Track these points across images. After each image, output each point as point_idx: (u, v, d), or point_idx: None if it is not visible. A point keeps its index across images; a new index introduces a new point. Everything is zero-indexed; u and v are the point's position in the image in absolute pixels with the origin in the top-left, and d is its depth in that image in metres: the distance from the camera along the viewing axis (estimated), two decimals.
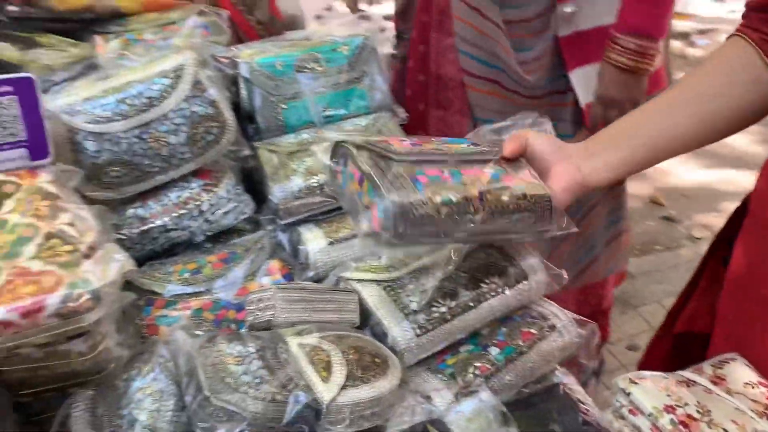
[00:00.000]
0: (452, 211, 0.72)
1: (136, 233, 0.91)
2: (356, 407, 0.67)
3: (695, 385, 0.77)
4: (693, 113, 0.81)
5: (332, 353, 0.70)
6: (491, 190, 0.75)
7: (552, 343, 0.82)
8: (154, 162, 0.92)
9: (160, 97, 0.91)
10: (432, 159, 0.76)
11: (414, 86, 1.60)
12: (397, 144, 0.77)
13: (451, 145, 0.81)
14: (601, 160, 0.81)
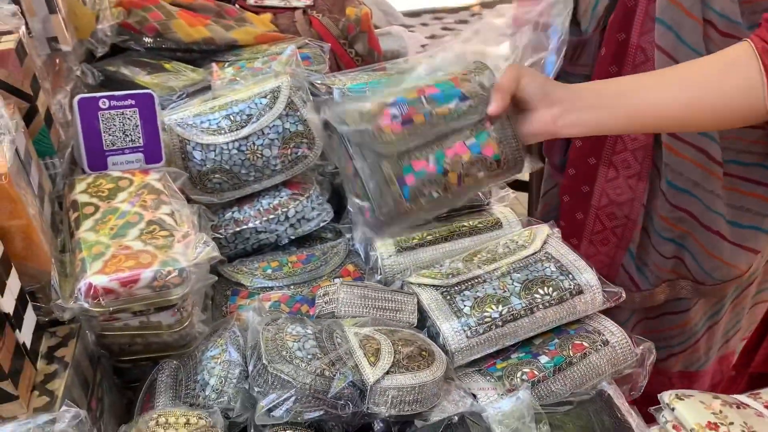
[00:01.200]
0: (434, 204, 0.85)
1: (231, 233, 1.03)
2: (399, 392, 0.73)
3: (747, 407, 0.76)
4: (681, 95, 0.82)
5: (382, 342, 0.77)
6: (469, 173, 0.85)
7: (603, 357, 0.84)
8: (250, 172, 1.04)
9: (258, 114, 1.03)
10: (419, 143, 0.85)
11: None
12: (388, 126, 0.84)
13: (440, 109, 0.87)
14: (579, 117, 0.83)
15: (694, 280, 1.25)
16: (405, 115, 0.86)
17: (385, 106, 0.86)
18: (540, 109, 0.84)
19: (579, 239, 1.31)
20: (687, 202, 1.18)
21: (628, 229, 1.25)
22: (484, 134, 0.87)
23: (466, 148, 0.86)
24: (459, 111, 0.87)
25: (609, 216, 1.25)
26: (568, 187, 1.29)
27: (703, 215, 1.18)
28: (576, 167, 1.26)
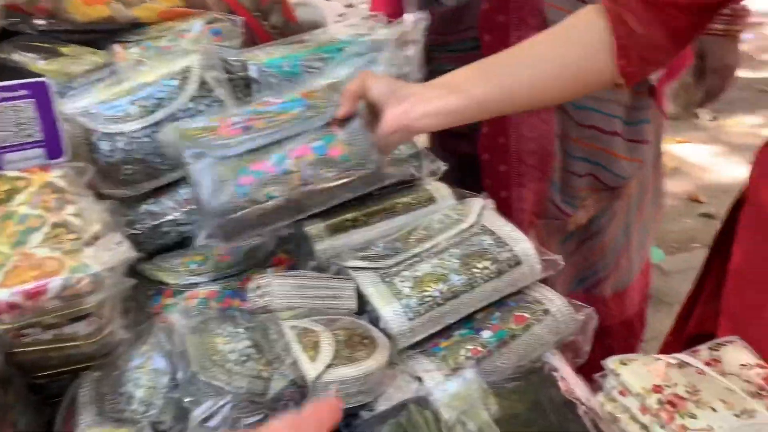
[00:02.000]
0: (275, 205, 0.82)
1: (149, 228, 0.96)
2: (342, 385, 0.69)
3: (688, 366, 0.77)
4: (526, 73, 0.82)
5: (321, 334, 0.73)
6: (315, 175, 0.83)
7: (545, 326, 0.83)
8: (165, 160, 0.96)
9: (168, 97, 0.95)
10: (259, 146, 0.83)
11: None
12: (225, 131, 0.84)
13: (285, 115, 0.87)
14: (433, 106, 0.83)
15: (608, 188, 1.47)
16: (246, 121, 0.87)
17: (227, 116, 0.89)
18: (391, 106, 0.83)
19: (508, 189, 1.43)
20: (592, 118, 1.38)
21: (547, 161, 1.40)
22: (331, 137, 0.87)
23: (310, 150, 0.85)
24: (303, 117, 0.87)
25: (529, 154, 1.40)
26: (486, 146, 1.39)
27: (606, 124, 1.40)
28: (488, 124, 1.35)
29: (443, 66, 1.46)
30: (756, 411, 0.70)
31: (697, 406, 0.70)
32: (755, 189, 0.83)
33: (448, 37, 1.37)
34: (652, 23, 0.77)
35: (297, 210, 0.87)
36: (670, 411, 0.70)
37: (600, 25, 0.79)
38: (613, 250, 1.61)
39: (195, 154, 0.84)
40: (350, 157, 0.86)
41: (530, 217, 1.47)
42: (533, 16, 1.25)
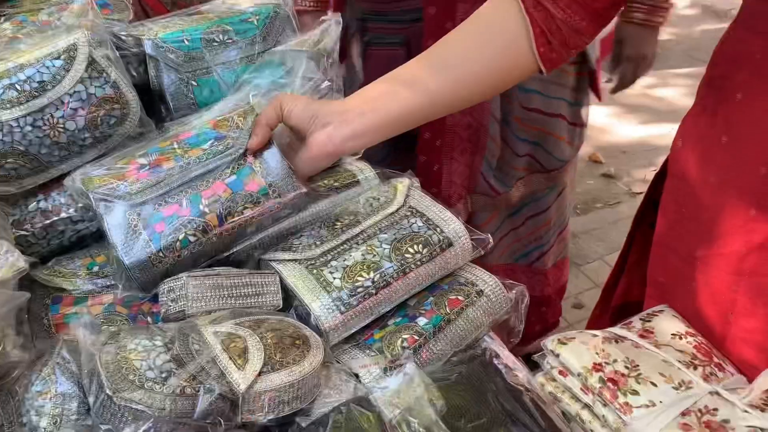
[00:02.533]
0: (193, 249, 0.78)
1: (40, 228, 0.85)
2: (275, 393, 0.64)
3: (624, 340, 0.77)
4: (446, 76, 0.79)
5: (248, 339, 0.67)
6: (231, 211, 0.79)
7: (480, 308, 0.80)
8: (53, 151, 0.86)
9: (52, 80, 0.84)
10: (171, 188, 0.79)
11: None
12: (133, 176, 0.80)
13: (193, 151, 0.82)
14: (353, 128, 0.80)
15: (545, 170, 1.52)
16: (153, 162, 0.81)
17: (133, 158, 0.83)
18: (314, 132, 0.79)
19: (440, 162, 1.44)
20: (535, 101, 1.42)
21: (482, 134, 1.42)
22: (246, 169, 0.81)
23: (225, 186, 0.80)
24: (214, 151, 0.82)
25: (464, 127, 1.41)
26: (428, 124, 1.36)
27: (548, 107, 1.43)
28: None
29: (381, 37, 1.40)
30: (693, 381, 0.70)
31: (638, 382, 0.70)
32: (677, 160, 0.83)
33: (387, 6, 1.33)
34: (571, 6, 0.75)
35: (219, 250, 0.81)
36: (612, 389, 0.69)
37: (515, 12, 0.76)
38: (557, 225, 1.69)
39: (105, 205, 0.78)
40: (270, 188, 0.81)
41: (460, 189, 1.48)
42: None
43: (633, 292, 0.97)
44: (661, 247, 0.87)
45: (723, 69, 0.76)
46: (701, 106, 0.79)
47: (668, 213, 0.85)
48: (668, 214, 0.85)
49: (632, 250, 0.98)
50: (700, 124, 0.79)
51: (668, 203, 0.85)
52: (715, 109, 0.76)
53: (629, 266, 0.98)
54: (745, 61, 0.71)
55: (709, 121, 0.77)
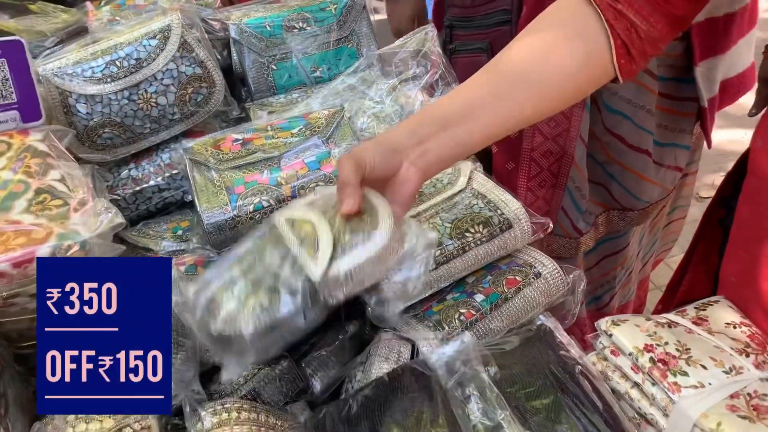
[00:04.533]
0: (264, 214, 0.82)
1: (130, 193, 0.93)
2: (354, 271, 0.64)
3: (677, 326, 0.78)
4: (525, 95, 0.73)
5: (319, 226, 0.67)
6: (305, 186, 0.84)
7: (536, 289, 0.83)
8: (145, 123, 0.93)
9: (147, 58, 0.92)
10: (257, 160, 0.86)
11: None
12: (227, 146, 0.87)
13: (283, 134, 0.89)
14: (435, 155, 0.72)
15: (623, 208, 1.28)
16: (247, 138, 0.88)
17: (231, 134, 0.91)
18: (399, 170, 0.71)
19: (514, 191, 1.21)
20: (618, 125, 1.19)
21: (564, 164, 1.21)
22: (325, 154, 0.88)
23: (303, 164, 0.86)
24: (302, 135, 0.89)
25: (544, 155, 1.22)
26: None
27: (632, 136, 1.19)
28: None
29: (466, 45, 1.25)
30: (744, 367, 0.72)
31: (688, 364, 0.72)
32: (756, 160, 0.83)
33: (473, 10, 1.22)
34: (653, 14, 0.72)
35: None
36: (662, 369, 0.71)
37: (595, 21, 0.72)
38: (630, 265, 1.45)
39: (196, 167, 0.86)
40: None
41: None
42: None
43: (697, 290, 0.97)
44: (736, 246, 0.87)
45: None
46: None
47: (745, 211, 0.85)
48: (745, 213, 0.85)
49: (698, 248, 0.98)
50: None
51: (746, 202, 0.85)
52: None
53: (694, 263, 0.98)
54: None
55: None
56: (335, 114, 0.92)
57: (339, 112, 0.92)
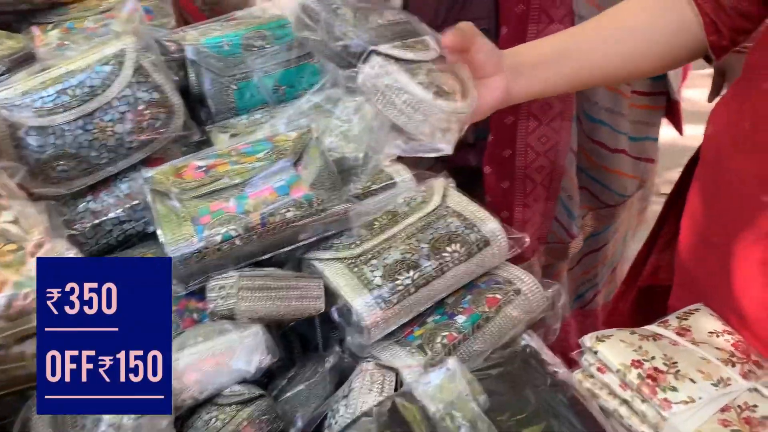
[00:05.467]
0: (233, 244, 0.79)
1: (89, 227, 0.89)
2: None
3: (661, 338, 0.77)
4: (618, 48, 0.79)
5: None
6: (274, 213, 0.80)
7: (517, 306, 0.82)
8: (102, 153, 0.89)
9: (102, 85, 0.88)
10: (222, 187, 0.82)
11: None
12: (189, 174, 0.83)
13: (249, 158, 0.85)
14: (527, 80, 0.79)
15: (605, 206, 1.35)
16: (210, 165, 0.84)
17: (192, 161, 0.86)
18: (494, 75, 0.76)
19: (510, 209, 1.27)
20: (598, 132, 1.26)
21: (556, 177, 1.24)
22: (294, 177, 0.84)
23: (272, 189, 0.83)
24: (268, 159, 0.85)
25: (537, 170, 1.24)
26: (490, 157, 1.23)
27: (610, 141, 1.27)
28: (495, 133, 1.21)
29: None
30: (731, 378, 0.71)
31: (677, 378, 0.71)
32: (707, 147, 0.84)
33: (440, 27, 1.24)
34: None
35: (259, 252, 0.82)
36: (652, 385, 0.70)
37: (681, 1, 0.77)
38: (612, 262, 1.52)
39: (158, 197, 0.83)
40: (313, 197, 0.82)
41: (534, 242, 1.29)
42: (556, 7, 1.13)
43: (660, 274, 0.97)
44: (690, 232, 0.87)
45: (758, 55, 0.76)
46: (734, 91, 0.81)
47: (697, 198, 0.86)
48: (697, 200, 0.86)
49: (663, 231, 0.98)
50: (730, 109, 0.80)
51: (697, 188, 0.86)
52: (744, 96, 0.77)
53: (659, 247, 0.98)
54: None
55: (737, 107, 0.78)
56: (303, 135, 0.89)
57: (307, 133, 0.89)
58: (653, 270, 1.00)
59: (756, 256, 0.76)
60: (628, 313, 1.03)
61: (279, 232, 0.82)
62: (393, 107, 0.66)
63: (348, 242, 0.84)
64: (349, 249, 0.83)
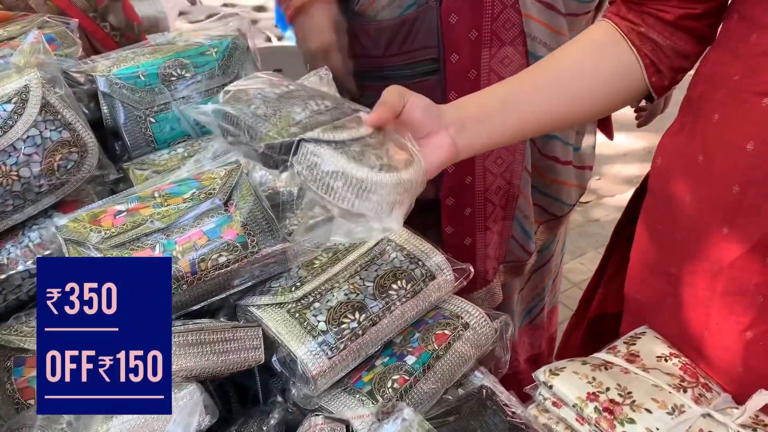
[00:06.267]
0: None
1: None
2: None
3: (612, 366, 0.77)
4: (562, 95, 0.79)
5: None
6: (205, 258, 0.76)
7: (467, 341, 0.79)
8: (6, 200, 0.80)
9: (3, 125, 0.79)
10: (144, 233, 0.76)
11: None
12: (108, 221, 0.78)
13: (174, 200, 0.80)
14: (472, 135, 0.76)
15: (554, 217, 1.36)
16: (131, 209, 0.79)
17: (111, 205, 0.81)
18: (437, 133, 0.72)
19: (473, 235, 1.26)
20: (552, 147, 1.26)
21: (512, 196, 1.24)
22: (225, 218, 0.79)
23: (201, 233, 0.78)
24: (195, 200, 0.80)
25: (495, 191, 1.23)
26: (451, 188, 1.21)
27: (563, 153, 1.28)
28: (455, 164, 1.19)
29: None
30: (685, 405, 0.71)
31: (633, 409, 0.70)
32: (656, 178, 0.84)
33: (388, 60, 1.15)
34: (676, 33, 0.76)
35: (192, 300, 0.77)
36: (609, 419, 0.69)
37: (621, 42, 0.77)
38: (554, 274, 1.53)
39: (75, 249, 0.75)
40: (248, 238, 0.78)
41: (494, 263, 1.30)
42: (507, 29, 1.10)
43: (609, 304, 0.98)
44: (638, 263, 0.88)
45: (702, 89, 0.77)
46: (680, 124, 0.81)
47: (646, 229, 0.86)
48: (646, 231, 0.86)
49: (610, 263, 0.99)
50: (679, 142, 0.81)
51: (646, 220, 0.86)
52: (693, 128, 0.78)
53: (606, 278, 0.99)
54: (723, 83, 0.73)
55: (687, 140, 0.79)
56: (232, 172, 0.83)
57: (236, 169, 0.83)
58: (602, 300, 1.01)
59: (709, 283, 0.77)
60: (580, 345, 1.02)
61: (211, 279, 0.76)
62: (334, 192, 0.61)
63: (287, 285, 0.79)
64: (288, 292, 0.78)
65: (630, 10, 0.78)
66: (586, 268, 2.42)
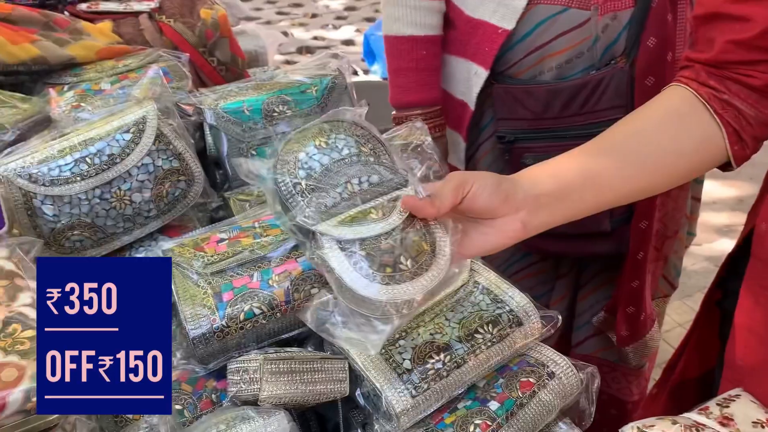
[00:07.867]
0: (256, 323, 0.77)
1: None
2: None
3: (705, 428, 0.74)
4: (642, 167, 0.75)
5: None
6: (300, 290, 0.78)
7: (552, 391, 0.78)
8: (118, 222, 0.86)
9: (121, 153, 0.85)
10: (245, 261, 0.79)
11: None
12: (211, 247, 0.81)
13: (273, 231, 0.83)
14: (549, 212, 0.73)
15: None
16: (233, 237, 0.82)
17: (214, 233, 0.84)
18: (505, 215, 0.69)
19: (642, 277, 1.23)
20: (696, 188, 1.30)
21: (669, 241, 1.25)
22: None
23: (296, 264, 0.80)
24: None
25: (659, 237, 1.24)
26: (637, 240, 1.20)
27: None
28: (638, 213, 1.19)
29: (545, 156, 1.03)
30: None
31: None
32: (761, 244, 0.81)
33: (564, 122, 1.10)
34: (760, 101, 0.74)
35: (283, 329, 0.79)
36: None
37: (701, 111, 0.74)
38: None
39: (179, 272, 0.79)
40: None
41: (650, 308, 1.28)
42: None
43: (690, 371, 0.95)
44: (743, 329, 0.84)
45: None
46: None
47: (751, 295, 0.83)
48: (751, 297, 0.83)
49: (695, 333, 0.96)
50: None
51: (751, 285, 0.83)
52: None
53: (690, 347, 0.96)
54: None
55: None
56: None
57: None
58: (684, 368, 0.98)
59: None
60: (661, 412, 0.99)
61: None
62: (332, 284, 0.65)
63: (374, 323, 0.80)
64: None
65: (711, 77, 0.75)
66: (670, 318, 2.34)
